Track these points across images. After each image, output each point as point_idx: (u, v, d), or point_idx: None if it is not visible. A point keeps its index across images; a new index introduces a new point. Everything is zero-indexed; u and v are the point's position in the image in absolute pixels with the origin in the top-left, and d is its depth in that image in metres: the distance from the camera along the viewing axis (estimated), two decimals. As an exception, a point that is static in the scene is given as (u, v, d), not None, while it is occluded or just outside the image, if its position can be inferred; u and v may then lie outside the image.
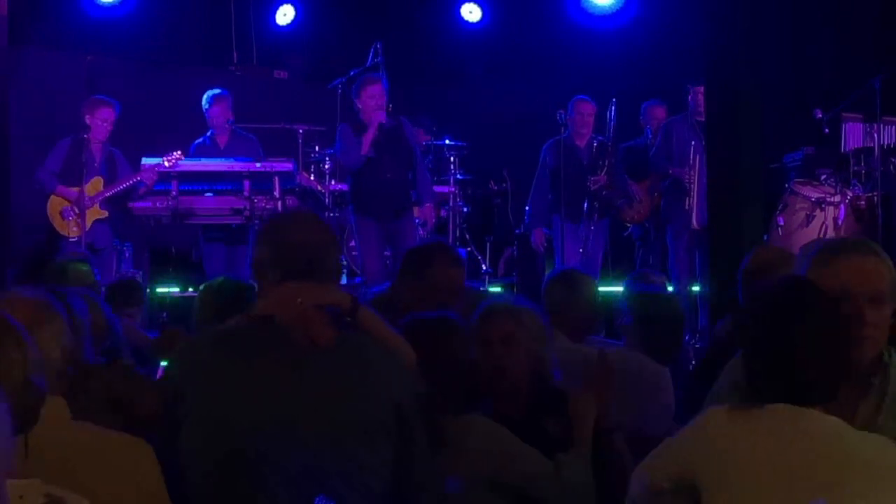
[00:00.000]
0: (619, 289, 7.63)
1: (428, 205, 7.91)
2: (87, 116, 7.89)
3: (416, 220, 7.93)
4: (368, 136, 7.55)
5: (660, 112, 8.68)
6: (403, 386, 2.59)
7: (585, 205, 8.17)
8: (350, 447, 2.47)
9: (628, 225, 8.89)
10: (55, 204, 7.92)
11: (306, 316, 2.49)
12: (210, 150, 8.26)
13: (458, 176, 9.45)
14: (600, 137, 8.41)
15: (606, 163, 8.24)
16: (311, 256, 2.57)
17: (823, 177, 7.95)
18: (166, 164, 7.80)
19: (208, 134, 8.37)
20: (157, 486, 2.28)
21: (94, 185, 7.87)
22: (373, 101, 7.60)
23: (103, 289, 5.60)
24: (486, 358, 3.15)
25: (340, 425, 2.47)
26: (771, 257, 3.90)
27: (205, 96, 8.37)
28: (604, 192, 8.25)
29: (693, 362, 5.89)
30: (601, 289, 7.42)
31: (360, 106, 7.69)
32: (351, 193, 7.90)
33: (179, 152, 7.85)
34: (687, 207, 7.97)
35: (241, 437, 2.42)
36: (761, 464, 2.26)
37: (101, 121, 7.90)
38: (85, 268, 5.19)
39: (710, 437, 2.35)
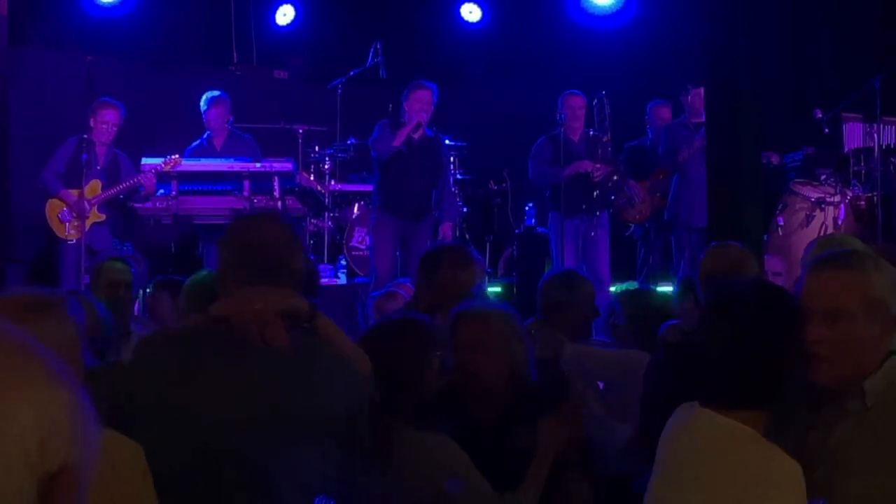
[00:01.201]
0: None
1: (447, 223, 7.96)
2: (91, 118, 7.87)
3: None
4: (405, 130, 7.67)
5: (665, 112, 8.67)
6: (353, 393, 2.60)
7: (585, 199, 8.17)
8: (294, 447, 2.49)
9: (630, 225, 8.88)
10: (54, 206, 7.89)
11: (261, 319, 2.51)
12: (206, 152, 8.25)
13: (458, 176, 9.46)
14: (592, 130, 8.40)
15: (600, 153, 8.23)
16: (271, 259, 2.57)
17: (823, 177, 7.95)
18: (164, 167, 7.79)
19: (205, 136, 8.36)
20: (146, 488, 2.27)
21: (93, 187, 7.85)
22: (419, 104, 7.73)
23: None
24: (458, 363, 3.15)
25: (286, 425, 2.49)
26: (719, 266, 3.79)
27: (203, 98, 8.37)
28: (609, 184, 8.21)
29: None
30: (611, 289, 7.42)
31: (405, 108, 7.79)
32: (375, 190, 7.93)
33: (178, 156, 7.84)
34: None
35: (193, 434, 2.44)
36: (664, 458, 2.34)
37: (102, 123, 7.88)
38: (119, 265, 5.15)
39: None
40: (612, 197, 8.40)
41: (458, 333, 3.17)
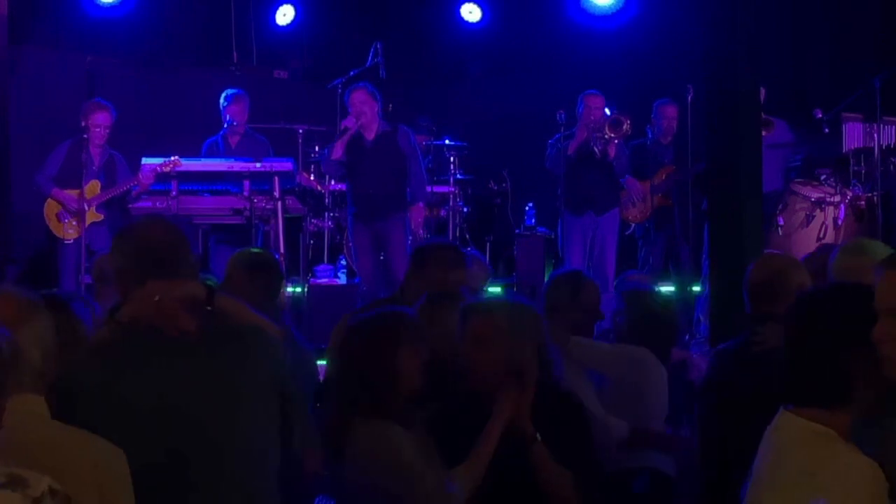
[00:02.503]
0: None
1: (418, 205, 7.86)
2: (83, 121, 7.84)
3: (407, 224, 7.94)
4: (340, 142, 7.67)
5: (670, 111, 8.65)
6: (273, 357, 2.77)
7: (589, 197, 8.18)
8: (243, 422, 2.62)
9: (631, 224, 8.88)
10: (52, 207, 7.89)
11: (166, 310, 2.62)
12: (221, 151, 8.26)
13: (458, 176, 9.46)
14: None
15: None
16: (161, 255, 2.69)
17: (823, 177, 7.95)
18: (164, 169, 7.76)
19: (221, 133, 8.37)
20: (127, 493, 2.30)
21: (92, 188, 7.85)
22: (353, 108, 7.73)
23: None
24: (463, 358, 3.14)
25: (230, 402, 2.62)
26: (773, 270, 3.83)
27: (223, 94, 8.36)
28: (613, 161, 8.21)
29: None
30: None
31: None
32: (346, 195, 7.98)
33: (177, 157, 7.80)
34: None
35: (144, 444, 2.48)
36: (758, 462, 2.36)
37: (95, 126, 7.84)
38: None
39: None
40: (625, 177, 8.40)
41: (465, 327, 3.17)
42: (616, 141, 8.13)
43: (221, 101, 8.33)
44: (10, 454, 2.08)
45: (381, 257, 7.80)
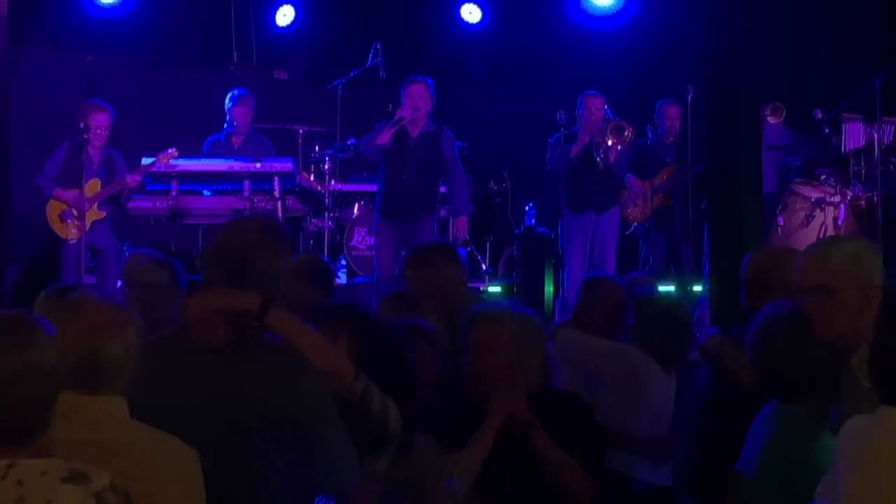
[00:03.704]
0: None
1: (462, 219, 7.83)
2: (82, 121, 7.83)
3: (448, 235, 7.91)
4: (390, 129, 7.51)
5: (674, 111, 8.65)
6: (296, 388, 2.56)
7: (589, 196, 8.18)
8: (234, 444, 2.53)
9: (632, 223, 8.88)
10: (54, 207, 7.89)
11: (201, 319, 2.56)
12: (224, 149, 8.26)
13: (459, 176, 9.44)
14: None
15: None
16: (229, 261, 2.62)
17: (823, 177, 7.96)
18: (161, 160, 7.76)
19: (224, 132, 8.36)
20: (200, 494, 2.32)
21: (92, 186, 7.85)
22: (409, 99, 7.58)
23: None
24: (469, 364, 3.15)
25: (224, 424, 2.53)
26: (767, 263, 3.84)
27: (229, 94, 8.36)
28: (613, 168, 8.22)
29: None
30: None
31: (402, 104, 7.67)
32: (377, 191, 7.86)
33: (174, 149, 7.81)
34: None
35: None
36: (861, 464, 2.34)
37: (94, 127, 7.81)
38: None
39: None
40: (627, 176, 8.40)
41: (471, 334, 3.18)
42: (618, 147, 8.13)
43: (227, 100, 8.33)
44: (87, 452, 2.12)
45: (402, 254, 7.68)
